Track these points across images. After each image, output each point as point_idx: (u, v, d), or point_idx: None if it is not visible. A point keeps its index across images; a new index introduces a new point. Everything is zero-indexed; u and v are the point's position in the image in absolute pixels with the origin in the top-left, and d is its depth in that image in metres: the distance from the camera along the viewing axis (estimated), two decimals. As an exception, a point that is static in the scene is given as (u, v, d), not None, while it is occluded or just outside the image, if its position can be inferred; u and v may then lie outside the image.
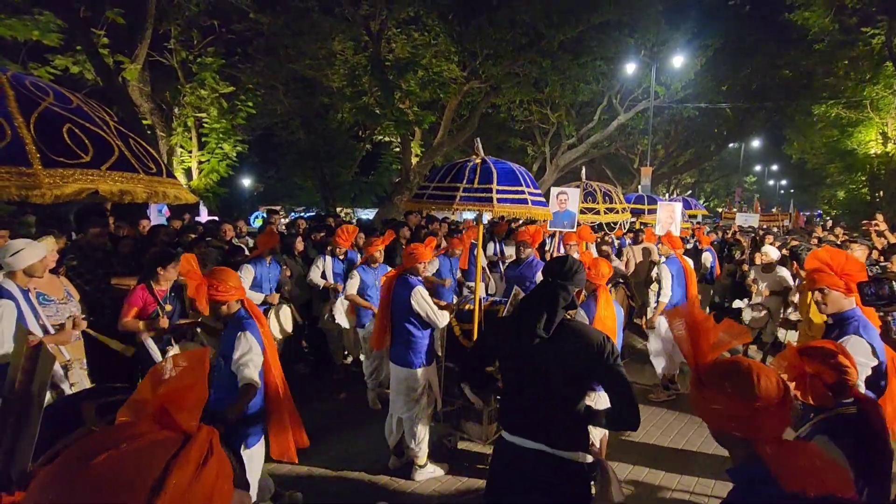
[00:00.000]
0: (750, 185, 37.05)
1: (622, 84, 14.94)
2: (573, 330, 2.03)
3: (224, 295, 2.65)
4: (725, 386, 1.24)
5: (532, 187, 3.92)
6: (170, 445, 0.68)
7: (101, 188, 1.46)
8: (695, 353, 1.34)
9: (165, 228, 6.00)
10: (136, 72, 8.90)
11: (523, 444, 2.02)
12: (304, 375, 5.81)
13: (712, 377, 1.28)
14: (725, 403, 1.23)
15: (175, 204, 2.12)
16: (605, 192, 6.23)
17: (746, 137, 24.62)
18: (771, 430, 1.21)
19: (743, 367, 1.25)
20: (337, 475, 3.80)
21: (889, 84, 14.82)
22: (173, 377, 0.78)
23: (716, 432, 1.34)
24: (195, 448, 0.69)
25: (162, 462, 0.65)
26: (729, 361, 1.30)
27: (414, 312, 3.57)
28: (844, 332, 2.38)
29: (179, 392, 0.75)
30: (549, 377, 2.00)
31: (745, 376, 1.22)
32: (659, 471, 3.88)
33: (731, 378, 1.24)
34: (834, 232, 9.99)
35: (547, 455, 1.97)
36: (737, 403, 1.22)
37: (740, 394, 1.21)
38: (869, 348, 2.31)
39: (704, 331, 1.35)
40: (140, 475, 0.64)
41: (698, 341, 1.34)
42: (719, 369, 1.29)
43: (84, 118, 1.54)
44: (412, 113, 11.43)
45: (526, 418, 2.04)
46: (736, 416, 1.22)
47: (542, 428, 2.00)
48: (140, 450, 0.66)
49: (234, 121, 10.23)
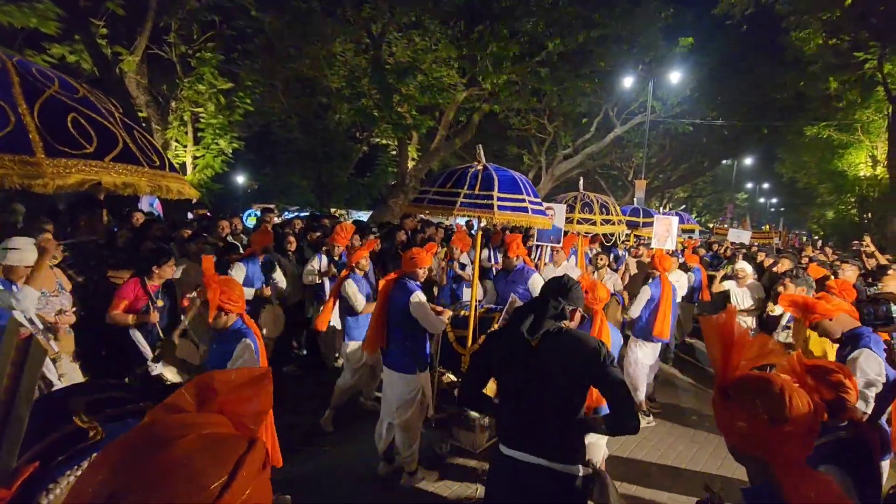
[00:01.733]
0: (742, 202, 37.52)
1: (619, 97, 15.10)
2: (569, 336, 2.03)
3: (230, 305, 2.67)
4: (756, 404, 1.15)
5: (532, 196, 3.93)
6: (242, 443, 0.73)
7: (104, 180, 1.43)
8: (724, 365, 1.25)
9: (158, 223, 5.93)
10: (134, 63, 8.82)
11: (521, 457, 2.00)
12: (294, 377, 5.74)
13: (740, 392, 1.19)
14: (752, 422, 1.15)
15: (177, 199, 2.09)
16: (602, 203, 6.25)
17: (739, 155, 24.98)
18: (794, 455, 1.13)
19: (775, 384, 1.17)
20: (325, 481, 3.75)
21: (879, 108, 15.12)
22: (243, 383, 0.81)
23: (734, 449, 1.27)
24: (259, 451, 0.74)
25: (235, 456, 0.71)
26: (760, 377, 1.21)
27: (411, 318, 3.54)
28: (856, 346, 2.45)
29: (247, 399, 0.80)
30: (546, 386, 1.99)
31: (778, 395, 1.14)
32: (648, 488, 3.87)
33: (761, 395, 1.16)
34: (824, 251, 10.12)
35: (545, 469, 1.95)
36: (764, 424, 1.13)
37: (769, 413, 1.13)
38: (881, 363, 2.38)
39: (739, 344, 1.25)
40: (217, 463, 0.68)
41: (731, 354, 1.25)
42: (750, 384, 1.19)
43: (90, 108, 1.51)
44: (410, 117, 11.43)
45: (524, 431, 2.03)
46: (760, 436, 1.14)
47: (540, 441, 1.98)
48: (216, 440, 0.71)
49: (231, 117, 10.15)
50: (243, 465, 0.70)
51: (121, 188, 1.50)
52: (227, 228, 5.85)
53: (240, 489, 0.69)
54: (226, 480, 0.68)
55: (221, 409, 0.77)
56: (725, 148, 22.06)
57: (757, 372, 1.24)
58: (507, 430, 2.10)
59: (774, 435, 1.12)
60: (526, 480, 1.99)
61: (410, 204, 4.13)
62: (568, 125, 15.56)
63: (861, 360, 2.38)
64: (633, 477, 3.98)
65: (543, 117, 15.02)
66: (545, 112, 14.62)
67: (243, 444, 0.73)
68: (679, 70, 14.69)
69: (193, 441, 0.68)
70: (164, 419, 0.72)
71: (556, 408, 1.99)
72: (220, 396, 0.77)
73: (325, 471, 3.86)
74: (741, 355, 1.25)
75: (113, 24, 8.57)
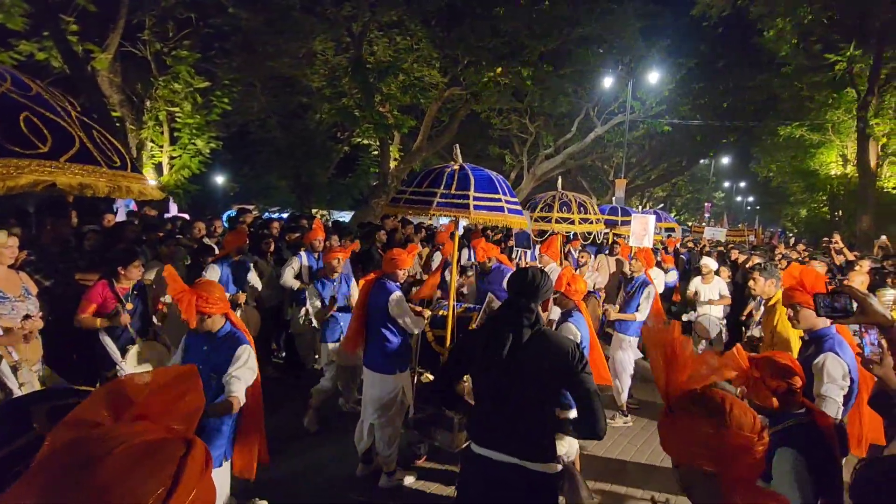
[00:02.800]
0: (719, 201, 38.27)
1: (600, 97, 15.26)
2: (544, 338, 2.03)
3: (211, 308, 2.61)
4: (695, 410, 1.16)
5: (509, 195, 3.94)
6: (179, 445, 0.71)
7: (59, 181, 1.38)
8: (668, 382, 1.25)
9: (132, 225, 5.80)
10: (106, 61, 8.61)
11: (493, 456, 2.01)
12: (273, 379, 5.67)
13: (682, 403, 1.20)
14: (695, 429, 1.14)
15: (140, 200, 2.04)
16: (579, 202, 6.31)
17: (716, 154, 25.47)
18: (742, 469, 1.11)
19: (716, 394, 1.18)
20: (304, 483, 3.72)
21: (849, 109, 15.56)
22: (165, 385, 0.78)
23: (682, 468, 1.22)
24: (199, 450, 0.73)
25: (175, 460, 0.69)
26: (702, 389, 1.21)
27: (391, 318, 3.53)
28: (820, 349, 2.45)
29: (173, 400, 0.77)
30: (520, 387, 1.99)
31: (717, 402, 1.15)
32: (621, 485, 3.91)
33: (701, 403, 1.17)
34: (796, 248, 10.38)
35: (518, 468, 1.96)
36: (706, 428, 1.12)
37: (710, 418, 1.13)
38: (846, 368, 2.38)
39: (682, 362, 1.25)
40: (156, 471, 0.66)
41: (674, 370, 1.24)
42: (692, 396, 1.20)
43: (43, 106, 1.46)
44: (392, 116, 11.38)
45: (496, 431, 2.03)
46: (705, 443, 1.12)
47: (514, 440, 1.99)
48: (150, 448, 0.68)
49: (208, 116, 9.97)
50: (185, 468, 0.69)
51: (77, 189, 1.45)
52: (202, 230, 5.75)
53: (185, 492, 0.68)
54: (170, 486, 0.67)
55: (144, 414, 0.73)
56: (702, 147, 22.48)
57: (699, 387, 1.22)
58: (481, 430, 2.10)
59: (717, 438, 1.10)
60: (499, 479, 2.00)
61: (388, 204, 4.13)
62: (549, 125, 15.68)
63: (827, 365, 2.38)
64: (607, 474, 4.02)
65: (525, 117, 15.11)
66: (527, 112, 14.71)
67: (180, 447, 0.71)
68: (657, 70, 14.92)
69: (125, 454, 0.65)
70: (84, 437, 0.68)
71: (532, 409, 2.01)
72: (139, 402, 0.73)
73: (303, 473, 3.82)
74: (685, 372, 1.23)
75: (84, 20, 8.35)
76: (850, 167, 16.73)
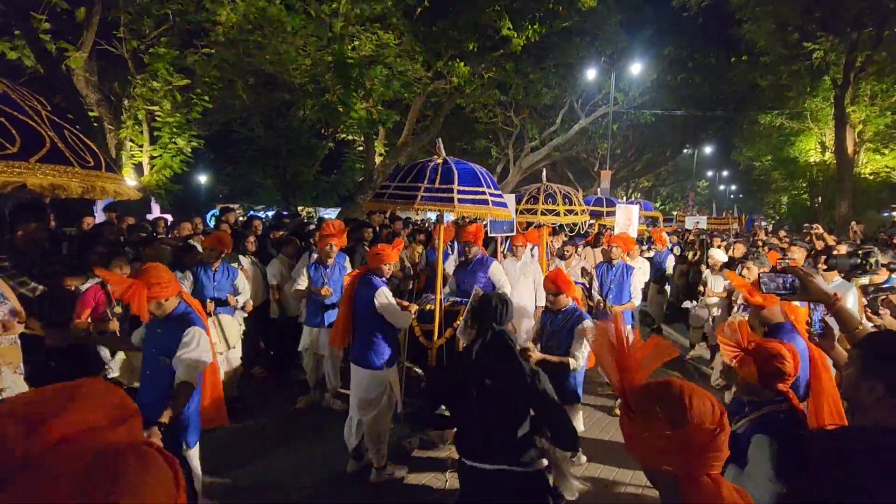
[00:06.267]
0: (703, 190, 38.72)
1: (583, 89, 15.33)
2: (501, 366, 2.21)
3: (164, 290, 2.55)
4: (656, 410, 1.09)
5: (493, 188, 3.95)
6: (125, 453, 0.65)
7: (29, 182, 1.35)
8: (621, 376, 1.19)
9: (112, 227, 5.70)
10: (81, 60, 8.40)
11: (483, 466, 2.17)
12: (261, 378, 5.65)
13: (641, 401, 1.14)
14: (655, 429, 1.08)
15: (118, 200, 2.01)
16: (564, 193, 6.34)
17: (699, 144, 25.75)
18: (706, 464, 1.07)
19: (675, 387, 1.11)
20: (294, 480, 3.71)
21: (827, 97, 15.83)
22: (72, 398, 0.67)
23: (647, 470, 1.18)
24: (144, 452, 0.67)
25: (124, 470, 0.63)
26: (660, 383, 1.15)
27: (377, 313, 3.53)
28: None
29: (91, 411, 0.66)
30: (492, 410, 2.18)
31: (677, 397, 1.09)
32: (614, 467, 3.97)
33: (661, 401, 1.10)
34: (778, 235, 10.56)
35: (506, 472, 2.13)
36: (667, 428, 1.06)
37: (670, 417, 1.07)
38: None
39: (628, 351, 1.20)
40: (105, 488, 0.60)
41: (624, 362, 1.19)
42: (649, 392, 1.14)
43: (11, 106, 1.42)
44: (376, 112, 11.30)
45: (480, 446, 2.20)
46: (666, 445, 1.07)
47: (494, 453, 2.16)
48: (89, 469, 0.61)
49: (189, 115, 9.79)
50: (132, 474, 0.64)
51: (49, 190, 1.42)
52: (187, 230, 5.67)
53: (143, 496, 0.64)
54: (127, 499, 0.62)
55: (63, 437, 0.62)
56: (685, 137, 22.73)
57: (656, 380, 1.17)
58: (466, 446, 2.27)
59: (678, 438, 1.06)
60: (492, 484, 2.17)
61: (372, 200, 4.11)
62: (534, 118, 15.71)
63: None
64: (598, 457, 4.08)
65: (510, 110, 15.12)
66: (511, 105, 14.72)
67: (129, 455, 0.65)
68: (640, 62, 15.01)
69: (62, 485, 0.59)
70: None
71: (507, 426, 2.17)
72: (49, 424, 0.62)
73: (293, 470, 3.82)
74: (635, 360, 1.19)
75: (57, 18, 8.14)
76: (829, 154, 17.03)
